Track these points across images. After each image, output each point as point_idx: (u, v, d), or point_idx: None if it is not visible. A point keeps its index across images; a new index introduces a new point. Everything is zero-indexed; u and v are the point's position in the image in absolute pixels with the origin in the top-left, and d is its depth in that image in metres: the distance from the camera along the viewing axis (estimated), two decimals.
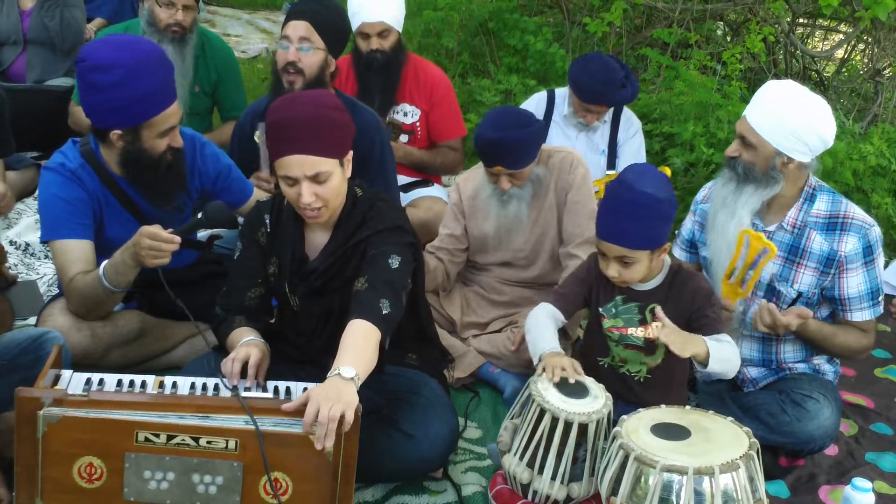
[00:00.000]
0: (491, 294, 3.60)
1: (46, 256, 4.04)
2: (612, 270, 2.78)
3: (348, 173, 2.71)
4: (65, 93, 4.87)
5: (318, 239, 2.78)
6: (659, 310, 2.70)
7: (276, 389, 2.54)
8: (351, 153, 2.71)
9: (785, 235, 3.00)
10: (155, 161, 3.01)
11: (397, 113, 4.43)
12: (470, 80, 5.72)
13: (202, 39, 4.61)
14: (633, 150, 4.33)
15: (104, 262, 2.95)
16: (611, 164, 4.31)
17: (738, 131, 2.99)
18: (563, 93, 4.35)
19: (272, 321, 2.93)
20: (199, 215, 2.92)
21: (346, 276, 2.73)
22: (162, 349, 3.29)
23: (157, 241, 2.82)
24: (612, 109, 4.29)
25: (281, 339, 2.86)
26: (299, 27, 3.49)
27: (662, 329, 2.62)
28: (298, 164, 2.57)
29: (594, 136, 4.31)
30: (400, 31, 4.37)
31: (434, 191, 4.47)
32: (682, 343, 2.60)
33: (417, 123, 4.44)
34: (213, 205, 2.94)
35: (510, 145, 3.25)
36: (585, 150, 4.26)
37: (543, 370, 2.69)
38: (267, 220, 2.83)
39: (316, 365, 2.80)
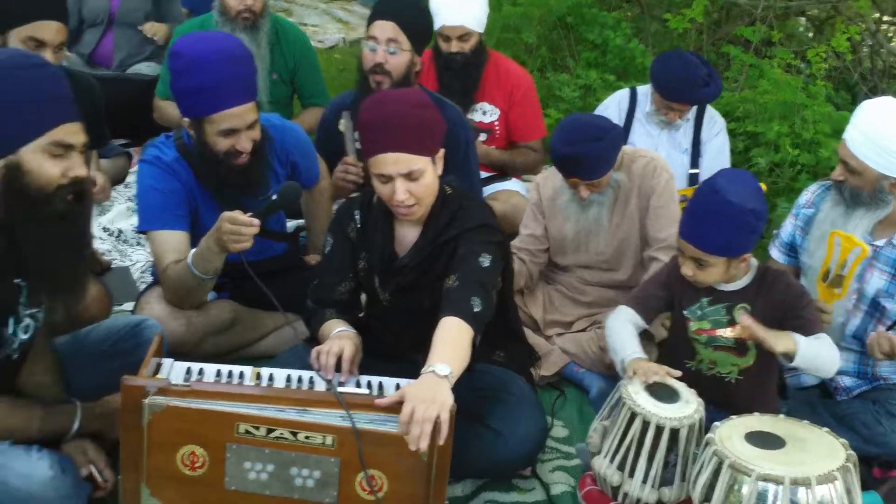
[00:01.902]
0: (574, 294, 3.59)
1: (139, 243, 4.13)
2: (687, 268, 2.78)
3: (439, 171, 2.74)
4: (150, 83, 4.94)
5: (407, 235, 2.81)
6: (743, 313, 2.69)
7: (368, 384, 2.57)
8: (443, 151, 2.73)
9: (893, 251, 2.95)
10: (216, 159, 3.03)
11: (475, 111, 4.42)
12: (549, 75, 5.70)
13: (276, 27, 4.64)
14: (717, 148, 4.27)
15: (192, 251, 3.01)
16: (694, 162, 4.27)
17: (839, 156, 2.94)
18: (645, 90, 4.32)
19: (361, 315, 2.96)
20: (274, 196, 2.95)
21: (435, 274, 2.75)
22: (252, 339, 3.35)
23: (237, 224, 2.86)
24: (695, 107, 4.24)
25: (369, 333, 2.88)
26: (386, 28, 3.50)
27: (750, 327, 2.60)
28: (392, 161, 2.60)
29: (677, 134, 4.27)
30: (482, 31, 4.35)
31: (511, 184, 4.47)
32: (775, 337, 2.59)
33: (496, 122, 4.42)
34: (287, 185, 2.97)
35: (585, 159, 3.23)
36: (668, 149, 4.23)
37: (634, 373, 2.69)
38: (357, 216, 2.87)
39: (404, 360, 2.81)
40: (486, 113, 4.43)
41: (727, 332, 2.78)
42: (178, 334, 3.07)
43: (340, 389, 2.44)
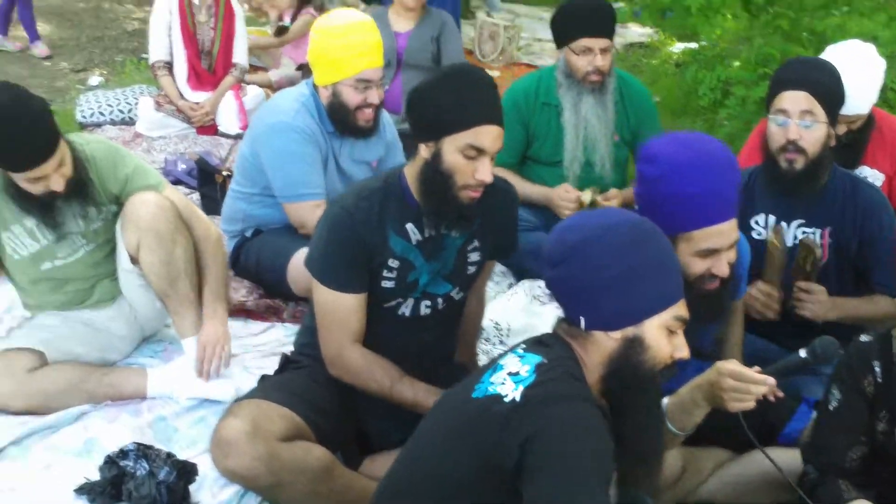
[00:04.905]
0: None
1: None
2: None
3: None
4: None
5: None
6: None
7: None
8: None
9: None
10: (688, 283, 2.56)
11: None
12: None
13: (619, 83, 4.26)
14: None
15: (665, 399, 2.59)
16: None
17: None
18: None
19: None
20: (803, 353, 2.47)
21: None
22: (695, 485, 2.92)
23: (744, 381, 2.40)
24: None
25: None
26: (799, 99, 3.07)
27: None
28: None
29: None
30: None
31: None
32: None
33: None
34: (824, 341, 2.48)
35: None
36: None
37: None
38: (876, 368, 2.42)
39: None
40: (866, 178, 3.88)
41: None
42: None
43: None
